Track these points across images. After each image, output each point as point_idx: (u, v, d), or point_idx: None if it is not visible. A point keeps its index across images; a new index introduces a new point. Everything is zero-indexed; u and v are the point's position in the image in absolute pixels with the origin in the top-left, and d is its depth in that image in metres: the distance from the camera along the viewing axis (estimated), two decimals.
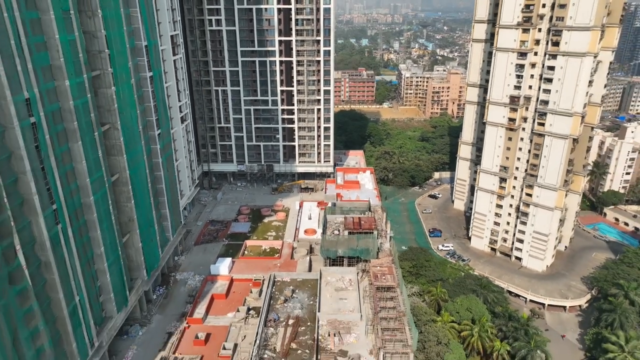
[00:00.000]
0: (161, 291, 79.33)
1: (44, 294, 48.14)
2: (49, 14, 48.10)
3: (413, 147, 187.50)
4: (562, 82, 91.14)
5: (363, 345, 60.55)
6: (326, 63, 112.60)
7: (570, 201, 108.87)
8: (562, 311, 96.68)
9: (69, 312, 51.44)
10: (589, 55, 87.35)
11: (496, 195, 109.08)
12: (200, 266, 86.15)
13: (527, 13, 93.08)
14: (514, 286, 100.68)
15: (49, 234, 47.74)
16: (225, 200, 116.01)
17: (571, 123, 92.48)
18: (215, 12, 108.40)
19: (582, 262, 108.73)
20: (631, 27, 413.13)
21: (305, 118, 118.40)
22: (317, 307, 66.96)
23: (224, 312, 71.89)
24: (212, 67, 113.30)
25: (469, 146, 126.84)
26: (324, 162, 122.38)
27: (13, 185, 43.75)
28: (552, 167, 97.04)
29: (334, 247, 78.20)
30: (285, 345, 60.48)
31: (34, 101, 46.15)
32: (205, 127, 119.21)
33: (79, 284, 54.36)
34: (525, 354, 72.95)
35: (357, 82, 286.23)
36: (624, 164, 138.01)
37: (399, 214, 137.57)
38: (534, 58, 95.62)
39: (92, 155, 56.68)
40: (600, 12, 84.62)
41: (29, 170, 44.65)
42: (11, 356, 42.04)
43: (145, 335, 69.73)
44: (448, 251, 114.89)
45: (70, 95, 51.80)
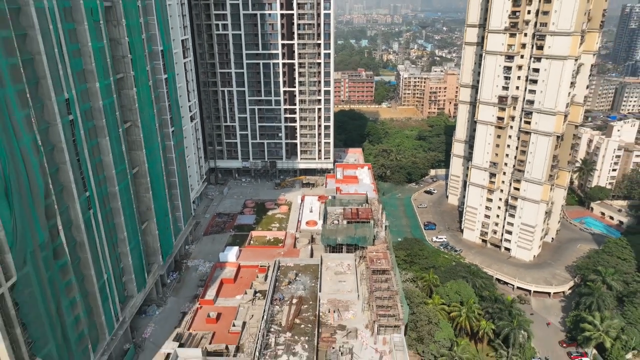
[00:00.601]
0: (175, 276, 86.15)
1: (79, 271, 54.80)
2: (83, 25, 54.76)
3: (410, 145, 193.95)
4: (546, 83, 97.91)
5: (360, 321, 67.38)
6: (326, 65, 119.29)
7: (557, 195, 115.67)
8: (547, 297, 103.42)
9: (98, 287, 58.15)
10: (570, 58, 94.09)
11: (486, 190, 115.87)
12: (209, 254, 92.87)
13: (513, 19, 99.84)
14: (503, 274, 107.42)
15: (83, 217, 54.42)
16: (231, 194, 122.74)
17: (555, 121, 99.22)
18: (222, 17, 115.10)
19: (568, 253, 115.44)
20: (626, 28, 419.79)
21: (306, 117, 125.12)
22: (319, 288, 73.79)
23: (233, 294, 78.41)
24: (218, 69, 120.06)
25: (462, 144, 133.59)
26: (325, 159, 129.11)
27: (55, 174, 50.37)
28: (537, 162, 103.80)
29: (334, 235, 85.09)
30: (289, 320, 67.24)
31: (72, 101, 52.85)
32: (212, 125, 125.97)
33: (106, 263, 61.10)
34: (509, 332, 79.72)
35: (357, 83, 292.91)
36: (611, 161, 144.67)
37: (395, 209, 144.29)
38: (520, 61, 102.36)
39: (117, 149, 63.37)
40: (580, 19, 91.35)
41: (68, 161, 51.33)
42: (56, 321, 48.74)
43: (161, 315, 76.51)
44: (441, 243, 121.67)
45: (100, 96, 58.46)
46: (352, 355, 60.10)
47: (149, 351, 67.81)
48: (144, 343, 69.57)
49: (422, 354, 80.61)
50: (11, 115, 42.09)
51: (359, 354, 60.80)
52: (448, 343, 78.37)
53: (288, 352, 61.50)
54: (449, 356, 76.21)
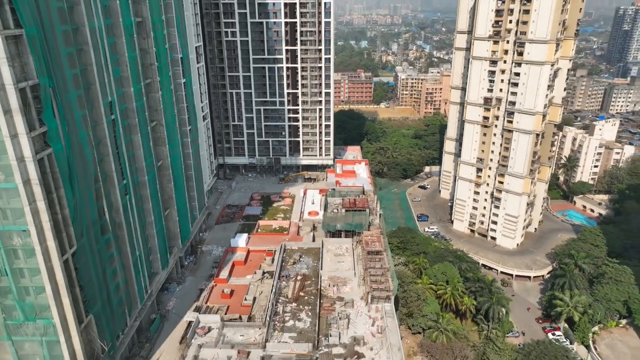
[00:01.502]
0: (191, 259, 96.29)
1: (118, 246, 64.85)
2: (121, 39, 64.84)
3: (407, 143, 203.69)
4: (526, 86, 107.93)
5: (356, 294, 77.58)
6: (327, 69, 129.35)
7: (538, 188, 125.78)
8: (528, 281, 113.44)
9: (132, 262, 68.29)
10: (547, 63, 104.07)
11: (474, 183, 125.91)
12: (221, 240, 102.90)
13: (496, 28, 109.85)
14: (488, 260, 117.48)
15: (121, 201, 64.54)
16: (239, 188, 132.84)
17: (534, 121, 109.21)
18: (230, 25, 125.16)
19: (549, 242, 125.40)
20: (620, 30, 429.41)
21: (308, 117, 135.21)
22: (320, 267, 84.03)
23: (244, 274, 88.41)
24: (227, 72, 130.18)
25: (452, 141, 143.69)
26: (325, 155, 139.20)
27: (101, 164, 60.48)
28: (519, 158, 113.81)
29: (334, 222, 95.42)
30: (295, 293, 77.43)
31: (114, 103, 62.97)
32: (221, 124, 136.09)
33: (138, 242, 71.20)
34: (488, 307, 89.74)
35: (356, 84, 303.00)
36: (592, 157, 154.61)
37: (391, 202, 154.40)
38: (503, 65, 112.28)
39: (146, 144, 73.44)
40: (555, 29, 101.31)
41: (111, 153, 61.44)
42: (102, 285, 58.89)
43: (181, 291, 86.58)
44: (433, 232, 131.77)
45: (134, 98, 68.51)
46: (349, 321, 70.24)
47: (172, 321, 77.87)
48: (168, 314, 79.57)
49: (411, 327, 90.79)
50: (73, 116, 52.20)
51: (354, 319, 70.96)
52: (435, 317, 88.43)
53: (294, 318, 71.71)
54: (435, 328, 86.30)
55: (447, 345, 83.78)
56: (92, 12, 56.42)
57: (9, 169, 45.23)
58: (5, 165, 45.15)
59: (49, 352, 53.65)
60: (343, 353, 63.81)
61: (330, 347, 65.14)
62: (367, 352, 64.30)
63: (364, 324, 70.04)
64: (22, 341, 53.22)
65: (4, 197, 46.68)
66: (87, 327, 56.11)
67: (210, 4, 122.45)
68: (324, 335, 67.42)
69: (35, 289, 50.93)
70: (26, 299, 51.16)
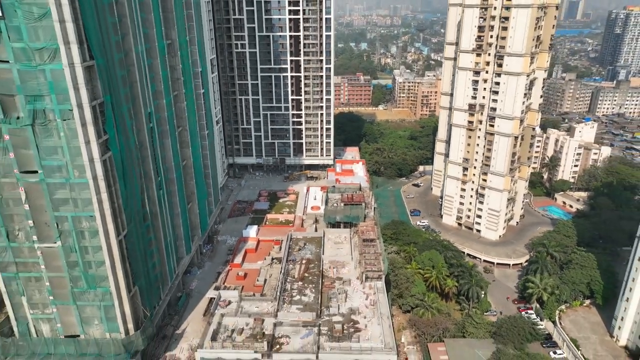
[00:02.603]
0: (209, 247, 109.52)
1: (153, 232, 78.02)
2: (157, 60, 78.05)
3: (402, 144, 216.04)
4: (505, 94, 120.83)
5: (352, 274, 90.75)
6: (327, 77, 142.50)
7: (519, 186, 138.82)
8: (508, 268, 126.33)
9: (164, 246, 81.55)
10: (523, 74, 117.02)
11: (460, 181, 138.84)
12: (234, 231, 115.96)
13: (479, 42, 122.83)
14: (473, 250, 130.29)
15: (157, 195, 77.79)
16: (248, 186, 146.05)
17: (512, 125, 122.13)
18: (240, 38, 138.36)
19: (528, 234, 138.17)
20: (612, 33, 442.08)
21: (310, 120, 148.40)
22: (322, 252, 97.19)
23: (255, 260, 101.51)
24: (237, 81, 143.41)
25: (442, 143, 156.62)
26: (326, 156, 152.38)
27: (142, 164, 73.66)
28: (500, 158, 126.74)
29: (334, 215, 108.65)
30: (300, 274, 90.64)
31: (151, 113, 76.20)
32: (231, 127, 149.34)
33: (168, 230, 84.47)
34: (468, 288, 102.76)
35: (355, 87, 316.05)
36: (573, 157, 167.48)
37: (387, 199, 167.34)
38: (485, 75, 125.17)
39: (174, 147, 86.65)
40: (530, 44, 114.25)
41: (150, 155, 74.69)
42: (144, 263, 72.09)
43: (201, 274, 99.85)
44: (424, 226, 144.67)
45: (165, 109, 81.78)
46: (346, 296, 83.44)
47: (196, 298, 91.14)
48: (192, 292, 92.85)
49: (402, 306, 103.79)
50: (125, 125, 65.42)
51: (351, 295, 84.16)
52: (421, 296, 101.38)
53: (300, 294, 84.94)
54: (422, 305, 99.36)
55: (432, 321, 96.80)
56: (137, 40, 69.71)
57: (82, 168, 58.40)
58: (79, 165, 58.31)
59: (105, 314, 66.90)
60: (341, 320, 76.99)
61: (330, 316, 78.37)
62: (362, 320, 77.51)
63: (359, 298, 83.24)
64: (84, 305, 66.47)
65: (76, 189, 59.82)
66: (133, 296, 69.30)
67: (222, 19, 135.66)
68: (325, 307, 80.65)
69: (97, 263, 64.11)
70: (89, 271, 64.33)
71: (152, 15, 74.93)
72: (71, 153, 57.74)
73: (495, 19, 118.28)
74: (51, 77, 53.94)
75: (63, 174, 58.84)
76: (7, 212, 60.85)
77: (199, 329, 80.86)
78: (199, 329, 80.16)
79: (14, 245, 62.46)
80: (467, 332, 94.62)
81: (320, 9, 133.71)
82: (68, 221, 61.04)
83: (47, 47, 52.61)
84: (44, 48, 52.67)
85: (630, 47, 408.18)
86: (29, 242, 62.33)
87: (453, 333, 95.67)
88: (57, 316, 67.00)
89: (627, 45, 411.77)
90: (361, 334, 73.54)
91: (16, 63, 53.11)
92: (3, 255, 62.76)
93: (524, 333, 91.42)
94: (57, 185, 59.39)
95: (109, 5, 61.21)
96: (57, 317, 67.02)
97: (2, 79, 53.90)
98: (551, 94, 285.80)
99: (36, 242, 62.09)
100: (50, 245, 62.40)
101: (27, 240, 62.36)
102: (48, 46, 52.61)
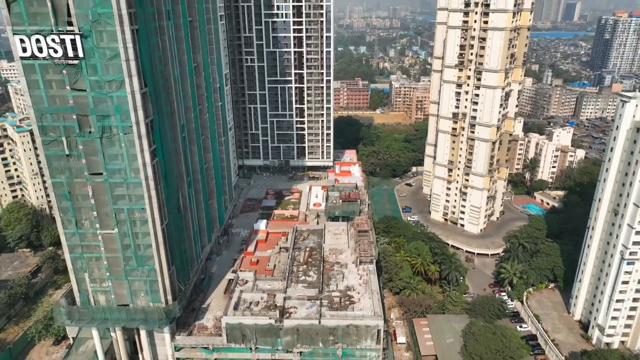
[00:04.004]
0: (225, 238, 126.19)
1: (185, 223, 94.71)
2: (187, 81, 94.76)
3: (397, 147, 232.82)
4: (484, 104, 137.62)
5: (349, 259, 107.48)
6: (327, 88, 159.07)
7: (498, 185, 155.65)
8: (487, 257, 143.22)
9: (192, 234, 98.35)
10: (498, 88, 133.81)
11: (446, 181, 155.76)
12: (246, 225, 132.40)
13: (461, 59, 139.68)
14: (457, 242, 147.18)
15: (187, 193, 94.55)
16: (256, 185, 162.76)
17: (490, 131, 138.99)
18: (250, 53, 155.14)
19: (506, 228, 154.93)
20: (602, 38, 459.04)
21: (312, 127, 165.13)
22: (323, 241, 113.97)
23: (265, 249, 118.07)
24: (247, 91, 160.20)
25: (431, 146, 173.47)
26: (326, 158, 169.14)
27: (177, 167, 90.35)
28: (480, 160, 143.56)
29: (333, 210, 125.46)
30: (305, 259, 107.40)
31: (184, 126, 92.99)
32: (241, 133, 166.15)
33: (195, 222, 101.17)
34: (448, 273, 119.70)
35: (354, 91, 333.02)
36: (551, 159, 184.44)
37: (382, 197, 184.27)
38: (466, 88, 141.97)
39: (199, 152, 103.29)
40: (504, 61, 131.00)
41: (182, 160, 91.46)
42: (178, 247, 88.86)
43: (220, 260, 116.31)
44: (414, 221, 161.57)
45: (193, 121, 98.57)
46: (344, 276, 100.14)
47: (216, 279, 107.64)
48: (213, 275, 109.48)
49: (391, 289, 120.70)
50: (167, 136, 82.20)
51: (347, 275, 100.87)
52: (408, 280, 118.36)
53: (305, 275, 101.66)
54: (409, 287, 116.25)
55: (417, 300, 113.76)
56: (174, 66, 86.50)
57: (137, 170, 75.01)
58: (135, 168, 74.91)
59: (150, 288, 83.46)
60: (339, 295, 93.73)
61: (330, 292, 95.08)
62: (356, 295, 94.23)
63: (354, 278, 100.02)
64: (134, 280, 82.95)
65: (131, 187, 76.41)
66: (171, 274, 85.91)
67: (234, 37, 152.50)
68: (326, 285, 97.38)
69: (145, 246, 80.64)
70: (138, 252, 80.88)
71: (183, 45, 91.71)
72: (129, 159, 74.37)
73: (475, 39, 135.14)
74: (117, 101, 70.56)
75: (122, 175, 75.41)
76: (77, 205, 77.44)
77: (221, 304, 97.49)
78: (221, 304, 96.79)
79: (81, 231, 79.05)
80: (447, 309, 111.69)
81: (321, 28, 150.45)
82: (124, 212, 77.62)
83: (115, 79, 69.25)
84: (112, 80, 69.32)
85: (619, 52, 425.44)
86: (93, 229, 78.90)
87: (435, 310, 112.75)
88: (112, 289, 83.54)
89: (615, 50, 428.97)
90: (355, 305, 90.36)
91: (91, 91, 69.71)
92: (72, 240, 79.43)
93: (494, 309, 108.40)
94: (117, 184, 75.97)
95: (156, 43, 77.94)
96: (112, 289, 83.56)
97: (79, 103, 70.55)
98: (539, 99, 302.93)
99: (98, 229, 78.64)
100: (109, 232, 79.01)
101: (91, 228, 78.93)
102: (116, 79, 69.25)
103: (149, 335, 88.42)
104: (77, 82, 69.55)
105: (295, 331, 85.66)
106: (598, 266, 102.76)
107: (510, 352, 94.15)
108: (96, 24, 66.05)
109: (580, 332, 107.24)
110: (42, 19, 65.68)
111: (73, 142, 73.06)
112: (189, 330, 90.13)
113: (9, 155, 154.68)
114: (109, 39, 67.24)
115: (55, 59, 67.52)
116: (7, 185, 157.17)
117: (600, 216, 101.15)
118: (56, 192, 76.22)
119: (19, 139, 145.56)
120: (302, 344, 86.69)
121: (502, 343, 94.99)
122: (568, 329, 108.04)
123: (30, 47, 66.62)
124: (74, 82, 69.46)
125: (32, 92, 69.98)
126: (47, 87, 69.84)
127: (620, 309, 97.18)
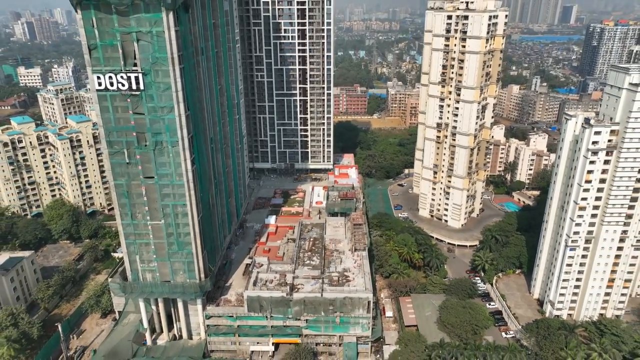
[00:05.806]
0: (241, 230, 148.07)
1: (212, 217, 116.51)
2: (214, 101, 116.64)
3: (392, 150, 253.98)
4: (463, 116, 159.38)
5: (346, 247, 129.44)
6: (328, 100, 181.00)
7: (477, 186, 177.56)
8: (466, 248, 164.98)
9: (217, 226, 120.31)
10: (475, 102, 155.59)
11: (432, 182, 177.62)
12: (258, 220, 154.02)
13: (443, 77, 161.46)
14: (440, 235, 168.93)
15: (214, 192, 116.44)
16: (265, 185, 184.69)
17: (468, 139, 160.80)
18: (260, 70, 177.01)
19: (485, 223, 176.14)
20: (589, 45, 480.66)
21: (314, 134, 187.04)
22: (324, 233, 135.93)
23: (275, 240, 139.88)
24: (257, 103, 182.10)
25: (420, 151, 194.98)
26: (327, 161, 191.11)
27: (207, 170, 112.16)
28: (460, 164, 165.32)
29: (333, 207, 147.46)
30: (309, 247, 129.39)
31: (212, 137, 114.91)
32: (252, 139, 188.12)
33: (219, 216, 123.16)
34: (430, 260, 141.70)
35: (353, 97, 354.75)
36: (527, 163, 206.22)
37: (376, 196, 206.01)
38: (448, 102, 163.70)
39: (222, 159, 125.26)
40: (479, 80, 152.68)
41: (210, 165, 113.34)
42: (208, 235, 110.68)
43: (237, 249, 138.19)
44: (404, 217, 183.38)
45: (218, 133, 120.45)
46: (341, 261, 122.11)
47: (236, 264, 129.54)
48: (232, 261, 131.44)
49: (382, 274, 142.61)
50: (201, 148, 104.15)
51: (344, 260, 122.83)
52: (396, 266, 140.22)
53: (309, 260, 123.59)
54: (396, 272, 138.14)
55: (403, 282, 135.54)
56: (205, 91, 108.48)
57: (180, 175, 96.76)
58: (179, 173, 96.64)
59: (187, 267, 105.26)
60: (337, 275, 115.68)
61: (330, 272, 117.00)
62: (351, 275, 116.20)
63: (349, 262, 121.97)
64: (175, 261, 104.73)
65: (175, 188, 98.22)
66: (204, 257, 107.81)
67: (247, 56, 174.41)
68: (326, 267, 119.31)
69: (184, 234, 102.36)
70: (179, 239, 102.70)
71: (212, 72, 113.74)
72: (174, 166, 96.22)
73: (455, 60, 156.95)
74: (167, 122, 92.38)
75: (169, 178, 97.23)
76: (132, 202, 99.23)
77: (241, 283, 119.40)
78: (241, 283, 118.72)
79: (135, 222, 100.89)
80: (428, 289, 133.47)
81: (322, 48, 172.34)
82: (169, 207, 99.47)
83: (167, 106, 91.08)
84: (165, 106, 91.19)
85: (605, 59, 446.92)
86: (144, 221, 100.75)
87: (417, 290, 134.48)
88: (157, 268, 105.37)
89: (602, 57, 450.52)
90: (350, 283, 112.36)
91: (148, 115, 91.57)
92: (127, 229, 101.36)
93: (466, 289, 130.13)
94: (164, 185, 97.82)
95: (195, 75, 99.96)
96: (157, 269, 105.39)
97: (139, 123, 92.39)
98: (525, 105, 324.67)
99: (148, 221, 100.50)
100: (157, 223, 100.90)
101: (143, 219, 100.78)
102: (167, 105, 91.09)
103: (185, 306, 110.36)
104: (137, 107, 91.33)
105: (302, 303, 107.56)
106: (551, 253, 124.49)
107: (477, 322, 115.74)
108: (154, 64, 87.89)
109: (538, 307, 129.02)
110: (114, 61, 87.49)
111: (132, 153, 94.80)
112: (216, 303, 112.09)
113: (49, 160, 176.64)
114: (163, 75, 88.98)
115: (122, 91, 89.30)
116: (48, 185, 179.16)
117: (552, 212, 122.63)
118: (117, 191, 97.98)
119: (60, 145, 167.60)
120: (308, 313, 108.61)
121: (470, 315, 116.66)
122: (527, 305, 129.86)
123: (104, 82, 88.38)
124: (135, 107, 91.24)
125: (103, 115, 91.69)
126: (115, 112, 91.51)
127: (566, 287, 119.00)
